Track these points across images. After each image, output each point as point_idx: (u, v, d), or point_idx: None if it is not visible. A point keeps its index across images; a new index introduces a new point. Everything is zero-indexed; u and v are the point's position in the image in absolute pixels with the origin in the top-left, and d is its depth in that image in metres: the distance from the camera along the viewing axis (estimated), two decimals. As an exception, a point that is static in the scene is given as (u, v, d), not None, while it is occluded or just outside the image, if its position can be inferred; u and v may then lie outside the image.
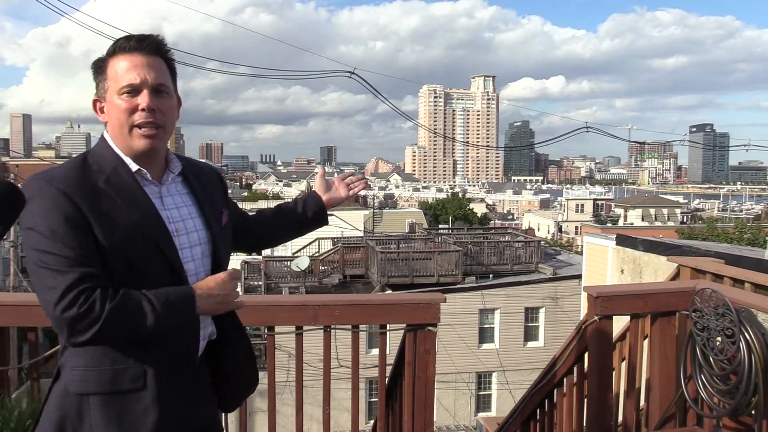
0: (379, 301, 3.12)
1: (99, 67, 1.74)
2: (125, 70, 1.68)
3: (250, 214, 2.25)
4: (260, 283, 22.40)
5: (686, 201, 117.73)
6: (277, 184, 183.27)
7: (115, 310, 1.54)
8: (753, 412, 3.01)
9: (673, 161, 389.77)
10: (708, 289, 3.18)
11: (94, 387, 1.63)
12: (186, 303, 1.65)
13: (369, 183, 2.57)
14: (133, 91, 1.68)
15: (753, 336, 2.88)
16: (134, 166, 1.71)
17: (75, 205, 1.58)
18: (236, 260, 27.63)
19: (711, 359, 3.10)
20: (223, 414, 2.16)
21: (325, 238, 27.06)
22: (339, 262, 23.18)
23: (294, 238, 2.39)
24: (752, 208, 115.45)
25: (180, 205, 1.81)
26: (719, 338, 3.03)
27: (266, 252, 30.08)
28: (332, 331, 3.06)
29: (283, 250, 30.28)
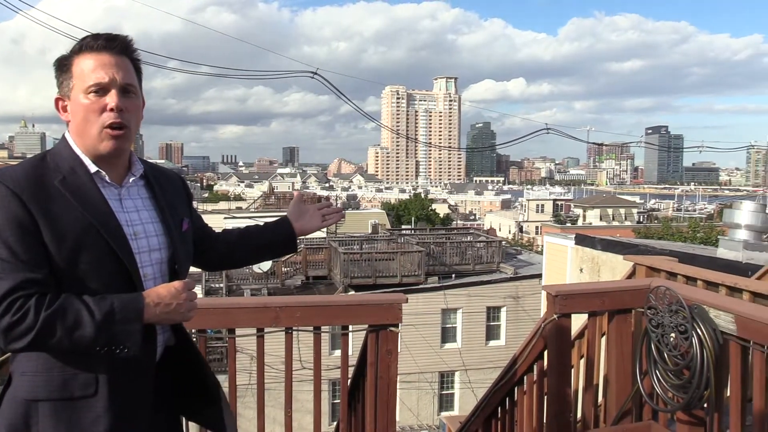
0: (341, 302, 3.12)
1: (63, 65, 1.70)
2: (93, 68, 1.65)
3: (216, 232, 2.19)
4: (222, 285, 22.13)
5: (642, 201, 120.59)
6: (238, 185, 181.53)
7: (50, 319, 1.49)
8: (705, 405, 3.10)
9: (630, 162, 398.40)
10: (662, 287, 3.26)
11: (44, 393, 1.59)
12: (132, 312, 1.58)
13: (344, 215, 2.53)
14: (101, 90, 1.65)
15: (705, 332, 2.97)
16: (93, 168, 1.68)
17: (24, 206, 1.54)
18: (197, 262, 27.28)
19: (665, 355, 3.19)
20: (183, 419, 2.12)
21: (288, 240, 26.87)
22: (301, 263, 23.08)
23: (259, 262, 2.33)
24: (705, 208, 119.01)
25: (140, 208, 1.77)
26: (673, 334, 3.12)
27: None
28: (295, 333, 3.04)
29: (244, 251, 29.97)
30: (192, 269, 2.03)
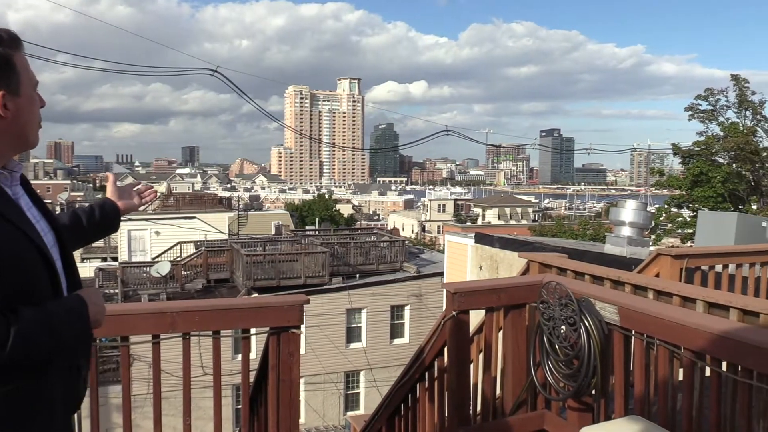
0: (241, 305, 3.06)
1: (7, 61, 1.59)
2: (27, 65, 1.64)
3: None
4: (117, 291, 21.12)
5: (537, 200, 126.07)
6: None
7: (21, 333, 1.37)
8: (593, 392, 3.30)
9: (526, 163, 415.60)
10: (553, 282, 3.43)
11: None
12: (84, 311, 1.55)
13: (157, 194, 2.59)
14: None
15: (591, 323, 3.15)
16: None
17: None
18: (90, 267, 25.89)
19: (557, 346, 3.35)
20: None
21: (188, 242, 26.09)
22: (202, 266, 22.44)
23: (87, 244, 2.31)
24: (594, 207, 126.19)
25: (30, 205, 1.68)
26: (563, 327, 3.29)
27: (123, 257, 28.46)
28: (197, 338, 2.95)
29: (142, 255, 28.80)
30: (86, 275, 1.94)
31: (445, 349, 3.68)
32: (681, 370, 2.86)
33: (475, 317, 3.78)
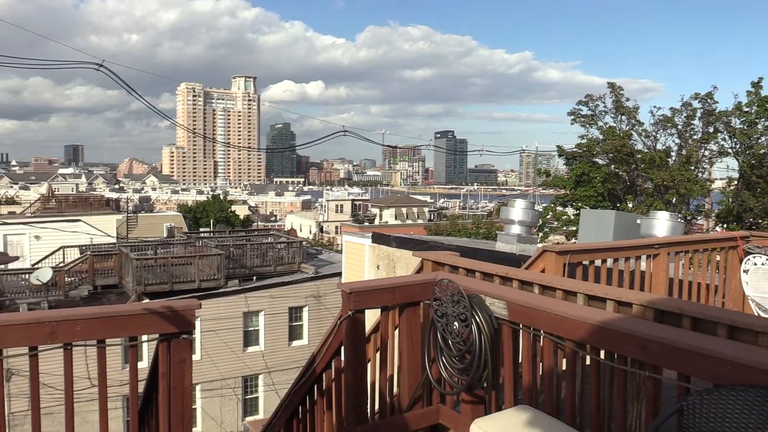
0: (127, 311, 2.92)
1: None
2: None
3: None
4: (-10, 300, 19.58)
5: (433, 200, 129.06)
6: (11, 186, 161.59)
7: None
8: (485, 385, 3.42)
9: (422, 164, 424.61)
10: (445, 280, 3.52)
11: None
12: None
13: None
14: None
15: (482, 318, 3.27)
16: None
17: None
18: (-42, 276, 23.85)
19: (450, 342, 3.45)
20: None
21: (72, 246, 24.62)
22: (88, 271, 21.25)
23: None
24: (486, 206, 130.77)
25: None
26: (456, 323, 3.38)
27: (-3, 265, 26.44)
28: (83, 348, 2.79)
29: (21, 261, 26.86)
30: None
31: (342, 348, 3.69)
32: (564, 360, 3.02)
33: (372, 316, 3.82)
